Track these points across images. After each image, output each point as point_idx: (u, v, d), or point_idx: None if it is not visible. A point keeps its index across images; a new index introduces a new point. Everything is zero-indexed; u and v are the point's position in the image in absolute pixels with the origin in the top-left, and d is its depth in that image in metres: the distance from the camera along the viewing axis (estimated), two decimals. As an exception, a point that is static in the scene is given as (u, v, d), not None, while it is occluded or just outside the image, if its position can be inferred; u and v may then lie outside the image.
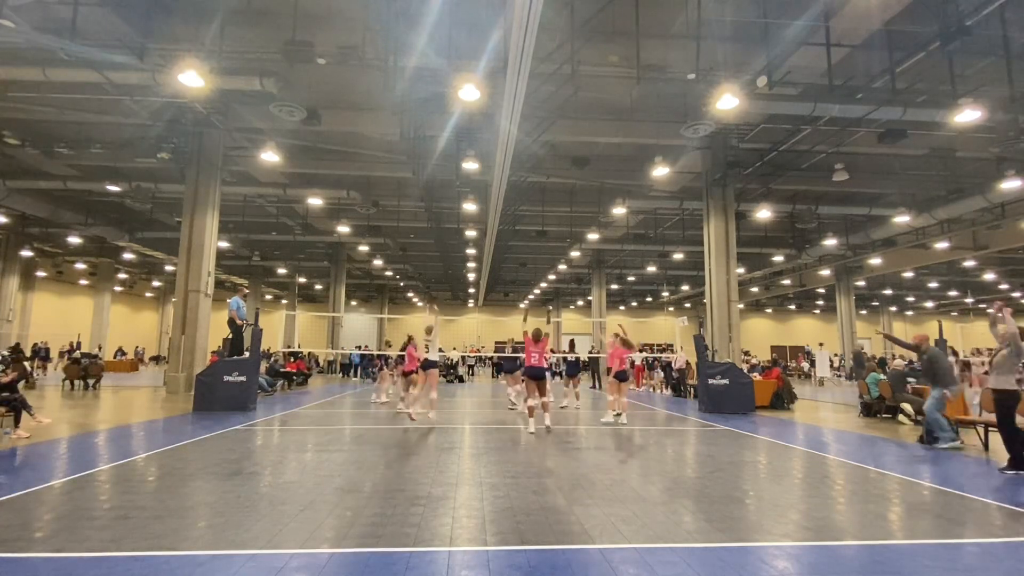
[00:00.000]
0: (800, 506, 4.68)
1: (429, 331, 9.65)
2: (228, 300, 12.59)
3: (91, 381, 16.26)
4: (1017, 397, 6.22)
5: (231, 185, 16.35)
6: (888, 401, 11.36)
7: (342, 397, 15.28)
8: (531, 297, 41.01)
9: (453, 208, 19.30)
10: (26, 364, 16.05)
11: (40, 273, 28.48)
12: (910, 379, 11.51)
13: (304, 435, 8.24)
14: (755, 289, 36.52)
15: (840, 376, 28.41)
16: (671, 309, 44.45)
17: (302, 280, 36.48)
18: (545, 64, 10.51)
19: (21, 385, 9.93)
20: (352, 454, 6.76)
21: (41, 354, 23.79)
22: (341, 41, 10.83)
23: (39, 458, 6.24)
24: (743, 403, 12.23)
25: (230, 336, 12.32)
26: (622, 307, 45.53)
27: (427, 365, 9.63)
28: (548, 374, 9.84)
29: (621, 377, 10.47)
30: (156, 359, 38.05)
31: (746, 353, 19.54)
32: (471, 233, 22.60)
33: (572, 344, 17.27)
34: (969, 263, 27.12)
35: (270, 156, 13.48)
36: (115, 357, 29.30)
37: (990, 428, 7.43)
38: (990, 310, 6.66)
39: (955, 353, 17.16)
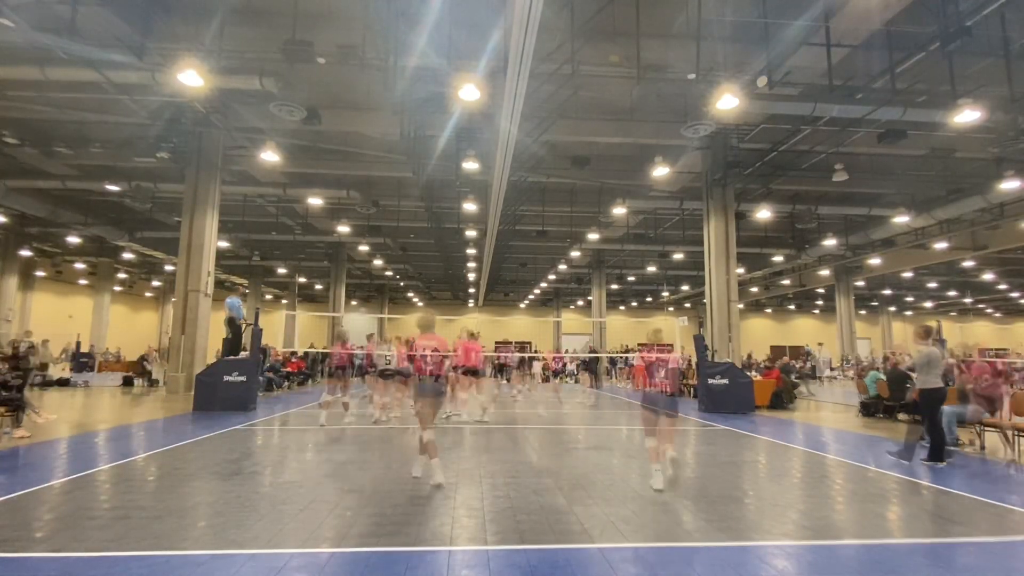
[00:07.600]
0: (799, 505, 4.69)
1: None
2: (225, 300, 12.57)
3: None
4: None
5: (231, 185, 16.31)
6: (887, 400, 11.35)
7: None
8: (531, 297, 40.91)
9: (453, 208, 19.27)
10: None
11: (39, 273, 28.42)
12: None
13: (304, 435, 8.24)
14: (755, 289, 36.49)
15: (839, 376, 28.39)
16: (671, 309, 44.37)
17: (302, 280, 36.39)
18: (545, 64, 10.49)
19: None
20: (352, 454, 6.76)
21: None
22: (341, 41, 10.82)
23: (39, 458, 6.24)
24: (743, 403, 12.23)
25: (228, 336, 12.31)
26: (622, 307, 45.47)
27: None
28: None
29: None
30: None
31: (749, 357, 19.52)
32: (471, 233, 22.56)
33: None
34: (968, 263, 27.08)
35: (270, 156, 13.46)
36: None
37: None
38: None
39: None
